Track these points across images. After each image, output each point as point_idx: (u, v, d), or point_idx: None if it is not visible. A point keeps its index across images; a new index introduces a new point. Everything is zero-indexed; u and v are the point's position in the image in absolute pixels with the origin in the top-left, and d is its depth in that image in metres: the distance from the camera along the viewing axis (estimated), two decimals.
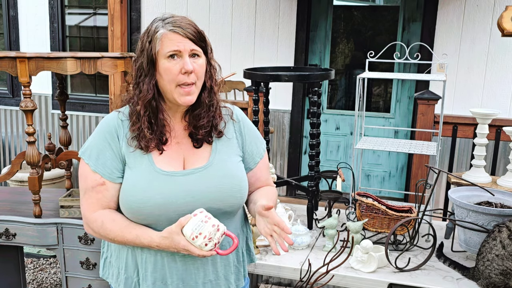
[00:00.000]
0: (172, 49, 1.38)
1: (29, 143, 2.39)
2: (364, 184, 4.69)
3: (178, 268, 1.43)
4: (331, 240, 2.13)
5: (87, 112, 5.32)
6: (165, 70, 1.39)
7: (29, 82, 2.31)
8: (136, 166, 1.42)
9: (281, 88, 4.53)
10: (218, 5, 4.81)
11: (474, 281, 1.86)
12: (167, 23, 1.39)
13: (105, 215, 1.43)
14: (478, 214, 1.89)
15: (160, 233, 1.37)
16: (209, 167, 1.46)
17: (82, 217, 1.48)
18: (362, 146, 2.42)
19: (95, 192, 1.43)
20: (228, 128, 1.54)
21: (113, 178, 1.43)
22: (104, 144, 1.43)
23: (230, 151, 1.52)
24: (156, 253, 1.42)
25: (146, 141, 1.41)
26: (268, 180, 1.65)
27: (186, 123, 1.50)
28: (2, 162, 5.68)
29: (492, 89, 4.27)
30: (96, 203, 1.44)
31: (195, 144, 1.49)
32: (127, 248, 1.47)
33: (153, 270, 1.43)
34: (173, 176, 1.41)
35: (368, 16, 4.93)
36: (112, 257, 1.53)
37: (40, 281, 3.82)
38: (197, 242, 1.31)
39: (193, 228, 1.31)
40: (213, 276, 1.47)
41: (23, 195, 2.83)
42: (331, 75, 2.39)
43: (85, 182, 1.44)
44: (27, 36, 5.44)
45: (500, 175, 2.51)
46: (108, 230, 1.41)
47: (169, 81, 1.39)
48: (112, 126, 1.45)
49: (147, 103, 1.41)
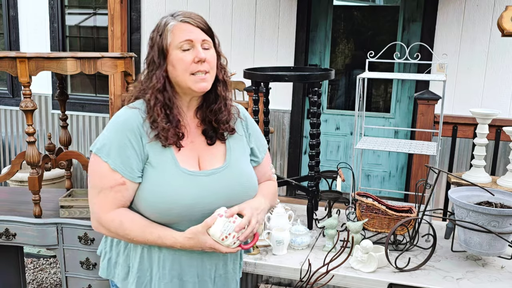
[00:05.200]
0: (184, 38, 1.40)
1: (29, 143, 2.39)
2: (364, 184, 4.69)
3: (194, 265, 1.46)
4: (331, 240, 2.13)
5: (87, 112, 5.32)
6: (178, 61, 1.40)
7: (29, 82, 2.31)
8: (160, 165, 1.41)
9: (281, 88, 4.53)
10: (218, 5, 4.81)
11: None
12: (177, 15, 1.43)
13: (124, 215, 1.41)
14: (478, 214, 1.89)
15: (184, 234, 1.38)
16: (228, 167, 1.49)
17: (93, 216, 1.44)
18: (362, 146, 2.42)
19: (114, 191, 1.39)
20: (237, 125, 1.57)
21: (134, 177, 1.40)
22: (125, 142, 1.39)
23: (242, 149, 1.55)
24: (175, 252, 1.43)
25: (164, 131, 1.40)
26: (271, 175, 1.70)
27: (198, 119, 1.51)
28: (2, 162, 5.68)
29: (492, 89, 4.27)
30: (112, 202, 1.40)
31: (209, 142, 1.50)
32: (141, 247, 1.45)
33: (171, 268, 1.44)
34: (198, 176, 1.43)
35: (368, 16, 4.93)
36: (119, 257, 1.51)
37: (40, 281, 3.82)
38: (227, 242, 1.36)
39: (223, 229, 1.35)
40: (223, 271, 1.53)
41: (23, 195, 2.83)
42: (331, 75, 2.39)
43: (102, 181, 1.40)
44: (27, 36, 5.44)
45: (500, 175, 2.51)
46: (128, 230, 1.39)
47: (182, 71, 1.40)
48: (134, 124, 1.41)
49: (156, 91, 1.41)
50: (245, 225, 1.39)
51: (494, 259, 2.07)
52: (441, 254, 2.12)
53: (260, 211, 1.47)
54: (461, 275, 1.94)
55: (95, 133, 5.34)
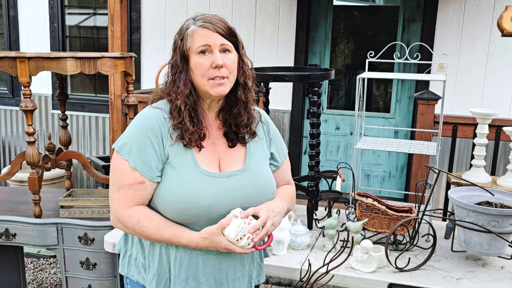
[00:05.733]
0: (202, 43, 1.41)
1: (29, 143, 2.39)
2: (364, 184, 4.69)
3: (211, 266, 1.47)
4: (331, 240, 2.13)
5: (87, 112, 5.32)
6: (196, 65, 1.42)
7: (29, 82, 2.31)
8: (180, 165, 1.42)
9: (281, 88, 4.53)
10: (218, 5, 4.81)
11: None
12: (198, 19, 1.44)
13: (142, 212, 1.42)
14: (478, 214, 1.89)
15: (199, 234, 1.39)
16: (247, 170, 1.50)
17: (112, 212, 1.46)
18: (362, 146, 2.42)
19: (133, 190, 1.41)
20: (258, 129, 1.59)
21: (153, 177, 1.41)
22: (146, 142, 1.41)
23: (262, 153, 1.57)
24: (191, 252, 1.44)
25: (189, 134, 1.42)
26: (290, 180, 1.71)
27: (220, 121, 1.53)
28: (2, 162, 5.68)
29: (492, 89, 4.27)
30: (131, 200, 1.42)
31: (230, 144, 1.52)
32: (159, 245, 1.46)
33: (187, 267, 1.45)
34: (217, 178, 1.44)
35: (368, 16, 4.93)
36: (139, 254, 1.51)
37: (40, 281, 3.82)
38: (241, 243, 1.37)
39: (237, 230, 1.36)
40: (240, 273, 1.53)
41: (23, 195, 2.83)
42: (331, 75, 2.39)
43: (122, 178, 1.42)
44: (27, 36, 5.44)
45: (500, 175, 2.51)
46: (145, 228, 1.41)
47: (200, 76, 1.42)
48: (155, 123, 1.43)
49: (185, 97, 1.43)
50: (260, 227, 1.40)
51: (494, 259, 2.07)
52: (441, 254, 2.12)
53: (276, 213, 1.47)
54: (461, 275, 1.94)
55: (95, 133, 5.34)
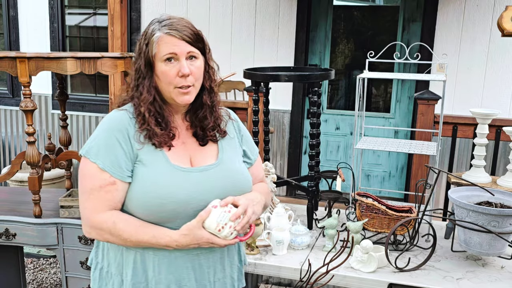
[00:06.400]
0: (168, 51, 1.38)
1: (29, 143, 2.39)
2: (364, 184, 4.69)
3: (192, 267, 1.44)
4: (331, 240, 2.13)
5: (87, 112, 5.32)
6: (162, 73, 1.40)
7: (29, 82, 2.31)
8: (152, 163, 1.40)
9: (281, 88, 4.53)
10: (218, 5, 4.81)
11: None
12: (164, 25, 1.39)
13: (116, 216, 1.38)
14: (478, 214, 1.89)
15: (179, 231, 1.36)
16: (221, 164, 1.48)
17: (84, 222, 1.40)
18: (362, 146, 2.42)
19: (104, 192, 1.37)
20: (229, 127, 1.58)
21: (123, 177, 1.39)
22: (114, 143, 1.39)
23: (234, 149, 1.56)
24: (170, 254, 1.41)
25: (158, 138, 1.41)
26: (263, 178, 1.71)
27: (188, 123, 1.52)
28: (2, 162, 5.67)
29: (492, 89, 4.27)
30: (103, 204, 1.38)
31: (201, 143, 1.50)
32: (134, 252, 1.42)
33: (167, 272, 1.42)
34: (191, 172, 1.42)
35: (368, 16, 4.93)
36: (111, 266, 1.47)
37: (40, 281, 3.81)
38: (223, 233, 1.34)
39: (218, 220, 1.33)
40: (221, 275, 1.51)
41: (23, 195, 2.83)
42: (331, 75, 2.39)
43: (91, 182, 1.38)
44: (27, 36, 5.44)
45: (500, 175, 2.51)
46: (122, 231, 1.36)
47: (167, 83, 1.40)
48: (122, 124, 1.41)
49: (149, 104, 1.41)
50: (241, 214, 1.37)
51: (494, 259, 2.07)
52: (441, 254, 2.12)
53: (255, 202, 1.46)
54: (461, 275, 1.94)
55: None
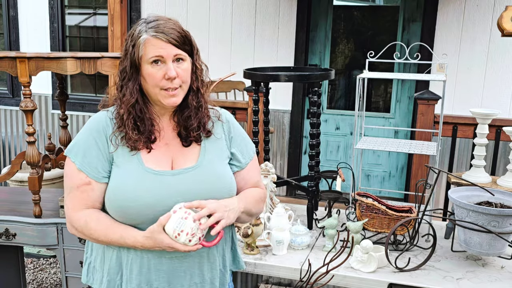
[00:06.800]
0: (154, 54, 1.36)
1: (29, 143, 2.39)
2: (364, 184, 4.69)
3: (164, 270, 1.42)
4: (331, 240, 2.13)
5: (87, 112, 5.32)
6: (148, 75, 1.38)
7: (29, 82, 2.31)
8: (125, 164, 1.40)
9: (281, 88, 4.53)
10: (218, 5, 4.81)
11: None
12: (150, 27, 1.37)
13: (89, 215, 1.40)
14: (478, 214, 1.89)
15: (143, 233, 1.35)
16: (199, 167, 1.45)
17: (66, 217, 1.45)
18: (362, 146, 2.42)
19: (80, 191, 1.40)
20: (216, 128, 1.54)
21: (98, 177, 1.40)
22: (91, 143, 1.41)
23: (219, 152, 1.52)
24: (142, 255, 1.40)
25: (132, 142, 1.40)
26: (258, 183, 1.63)
27: (175, 123, 1.50)
28: (2, 162, 5.67)
29: (492, 89, 4.27)
30: (80, 202, 1.41)
31: (184, 143, 1.49)
32: (112, 249, 1.44)
33: (138, 272, 1.41)
34: (163, 176, 1.41)
35: (368, 16, 4.93)
36: (96, 261, 1.49)
37: (40, 281, 3.81)
38: (181, 240, 1.30)
39: (175, 226, 1.29)
40: (199, 279, 1.46)
41: (23, 195, 2.83)
42: (331, 75, 2.39)
43: (70, 180, 1.42)
44: (27, 36, 5.44)
45: (500, 175, 2.51)
46: (92, 230, 1.39)
47: (153, 85, 1.39)
48: (100, 125, 1.43)
49: (130, 107, 1.40)
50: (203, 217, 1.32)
51: (494, 259, 2.07)
52: (441, 254, 2.12)
53: (229, 209, 1.40)
54: (461, 275, 1.94)
55: None
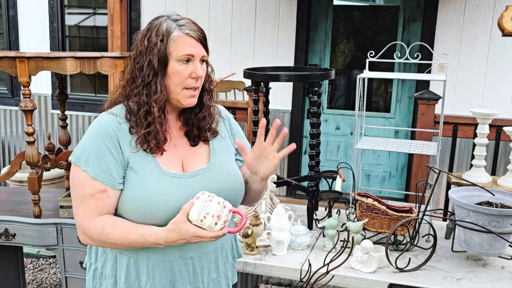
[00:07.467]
0: (186, 53, 1.36)
1: (28, 143, 2.39)
2: (364, 184, 4.69)
3: (186, 270, 1.43)
4: (331, 240, 2.13)
5: (86, 112, 5.32)
6: (175, 73, 1.37)
7: (28, 82, 2.31)
8: (143, 169, 1.37)
9: (281, 88, 4.53)
10: (218, 4, 4.81)
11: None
12: (182, 25, 1.38)
13: (104, 220, 1.37)
14: (479, 214, 1.89)
15: (165, 227, 1.33)
16: (212, 168, 1.46)
17: (78, 229, 1.40)
18: (362, 146, 2.42)
19: (95, 199, 1.36)
20: (220, 126, 1.55)
21: (114, 184, 1.36)
22: (104, 149, 1.36)
23: (226, 150, 1.54)
24: (164, 258, 1.40)
25: (157, 141, 1.38)
26: None
27: (181, 123, 1.50)
28: (1, 162, 5.67)
29: (492, 89, 4.26)
30: (95, 210, 1.37)
31: (192, 143, 1.48)
32: (127, 256, 1.41)
33: (161, 276, 1.41)
34: (180, 178, 1.40)
35: (368, 16, 4.93)
36: (106, 268, 1.47)
37: (40, 281, 3.81)
38: (206, 223, 1.29)
39: (200, 210, 1.29)
40: (215, 275, 1.50)
41: (23, 195, 2.83)
42: (331, 75, 2.38)
43: (82, 190, 1.36)
44: (26, 36, 5.43)
45: (500, 175, 2.51)
46: (110, 234, 1.35)
47: (177, 83, 1.38)
48: (110, 130, 1.37)
49: (162, 104, 1.39)
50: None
51: (495, 259, 2.06)
52: (442, 254, 2.12)
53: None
54: (462, 275, 1.93)
55: None
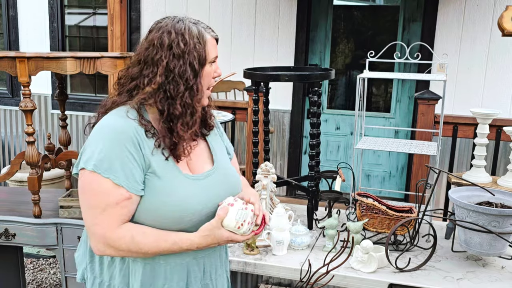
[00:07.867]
0: (215, 54, 1.45)
1: (28, 143, 2.39)
2: (364, 184, 4.68)
3: (199, 269, 1.48)
4: (331, 240, 2.13)
5: (86, 112, 5.32)
6: (207, 74, 1.43)
7: (28, 82, 2.31)
8: (166, 174, 1.37)
9: (281, 88, 4.53)
10: (218, 4, 4.81)
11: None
12: (207, 27, 1.44)
13: (133, 229, 1.34)
14: (479, 214, 1.89)
15: (199, 233, 1.37)
16: (218, 169, 1.51)
17: (97, 239, 1.34)
18: (362, 146, 2.42)
19: (120, 207, 1.31)
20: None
21: (138, 190, 1.33)
22: (126, 154, 1.31)
23: (222, 149, 1.61)
24: (182, 261, 1.43)
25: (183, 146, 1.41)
26: (239, 170, 1.75)
27: None
28: (2, 162, 5.67)
29: (492, 89, 4.26)
30: (118, 219, 1.33)
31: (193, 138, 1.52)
32: (143, 263, 1.40)
33: (179, 278, 1.43)
34: (197, 180, 1.43)
35: (368, 16, 4.93)
36: (114, 279, 1.43)
37: (40, 282, 3.81)
38: (242, 230, 1.38)
39: (237, 218, 1.37)
40: (221, 271, 1.56)
41: (23, 195, 2.83)
42: (331, 75, 2.38)
43: (106, 198, 1.31)
44: (26, 36, 5.43)
45: (500, 175, 2.51)
46: (142, 244, 1.32)
47: (206, 84, 1.44)
48: (130, 133, 1.33)
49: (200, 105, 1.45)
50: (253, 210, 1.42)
51: (495, 259, 2.06)
52: (442, 254, 2.12)
53: (257, 196, 1.54)
54: (462, 275, 1.93)
55: None
